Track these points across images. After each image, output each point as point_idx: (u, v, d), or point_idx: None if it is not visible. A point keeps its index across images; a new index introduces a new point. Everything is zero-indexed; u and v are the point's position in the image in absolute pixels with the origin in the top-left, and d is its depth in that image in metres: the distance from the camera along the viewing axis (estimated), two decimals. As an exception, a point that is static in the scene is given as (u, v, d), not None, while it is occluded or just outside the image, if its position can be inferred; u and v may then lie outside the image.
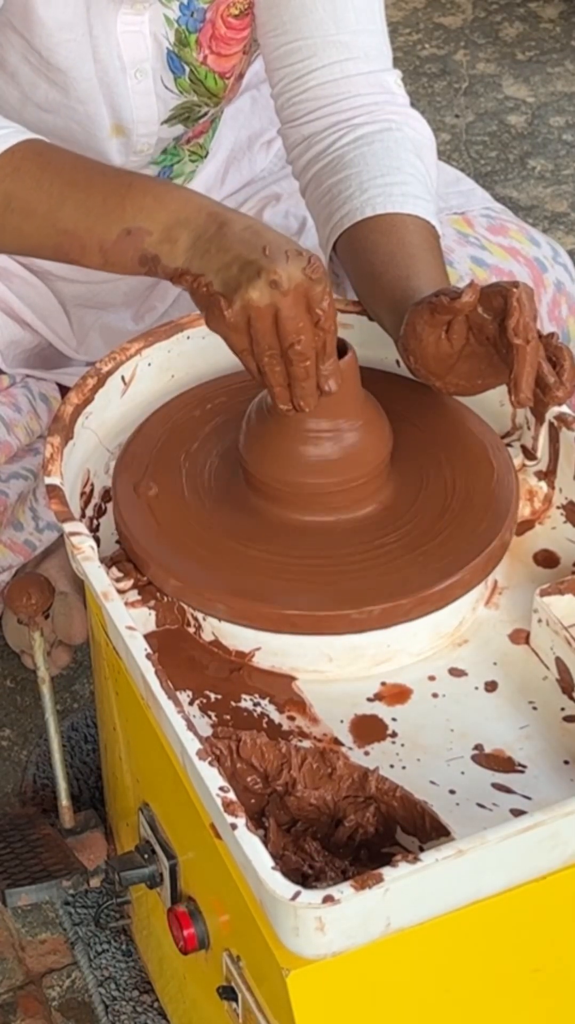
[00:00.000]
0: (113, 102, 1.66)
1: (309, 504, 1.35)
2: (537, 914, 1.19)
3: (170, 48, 1.65)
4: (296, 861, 1.23)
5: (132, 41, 1.63)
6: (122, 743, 1.42)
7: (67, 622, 1.83)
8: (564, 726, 1.28)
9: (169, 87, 1.68)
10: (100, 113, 1.66)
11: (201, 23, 1.65)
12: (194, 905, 1.28)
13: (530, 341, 1.31)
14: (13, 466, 1.82)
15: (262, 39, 1.66)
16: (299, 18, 1.61)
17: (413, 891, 1.10)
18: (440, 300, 1.34)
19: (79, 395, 1.44)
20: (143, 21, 1.63)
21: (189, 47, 1.66)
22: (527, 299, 1.31)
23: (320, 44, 1.61)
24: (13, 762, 1.83)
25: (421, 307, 1.36)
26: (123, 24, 1.62)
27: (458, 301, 1.32)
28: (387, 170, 1.56)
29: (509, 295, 1.31)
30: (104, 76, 1.64)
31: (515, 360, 1.31)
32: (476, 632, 1.35)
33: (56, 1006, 1.61)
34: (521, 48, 3.04)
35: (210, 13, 1.65)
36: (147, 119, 1.69)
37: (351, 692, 1.31)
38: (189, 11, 1.64)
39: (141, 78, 1.66)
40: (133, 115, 1.68)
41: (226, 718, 1.29)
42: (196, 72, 1.67)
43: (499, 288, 1.32)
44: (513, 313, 1.30)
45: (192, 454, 1.42)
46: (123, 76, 1.65)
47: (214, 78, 1.70)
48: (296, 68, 1.63)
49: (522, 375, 1.32)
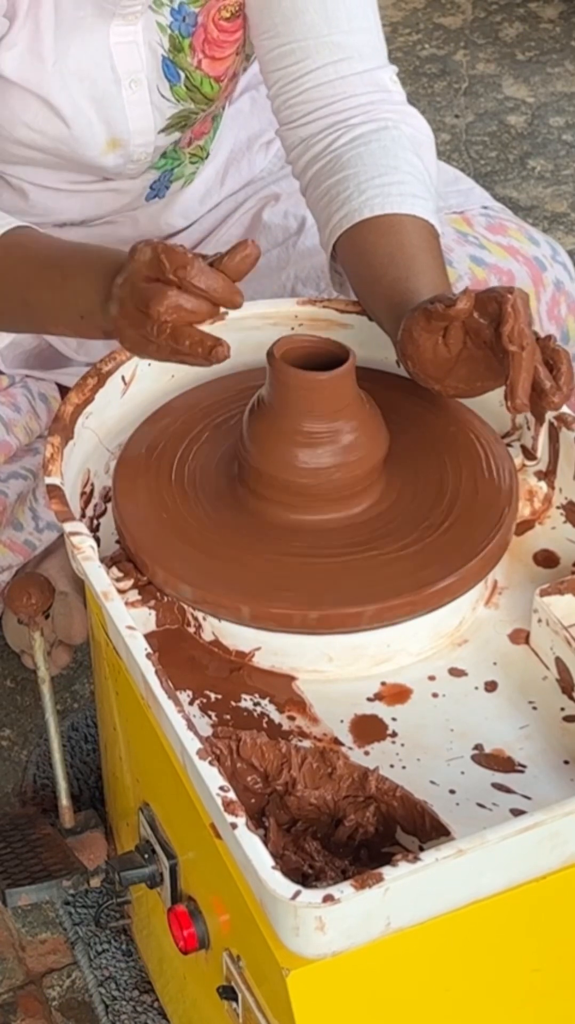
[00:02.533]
0: (108, 116, 1.66)
1: (309, 504, 1.35)
2: (537, 914, 1.19)
3: (165, 55, 1.65)
4: (296, 861, 1.23)
5: (126, 52, 1.63)
6: (122, 743, 1.42)
7: (67, 622, 1.83)
8: (564, 726, 1.28)
9: (165, 96, 1.68)
10: (93, 131, 1.66)
11: (193, 27, 1.65)
12: (194, 905, 1.28)
13: (525, 347, 1.30)
14: (12, 466, 1.82)
15: (255, 41, 1.66)
16: (291, 20, 1.61)
17: (413, 891, 1.10)
18: (435, 307, 1.33)
19: (79, 395, 1.44)
20: (136, 31, 1.63)
21: (183, 52, 1.66)
22: (522, 304, 1.31)
23: (313, 46, 1.61)
24: (13, 762, 1.83)
25: (417, 313, 1.36)
26: (116, 36, 1.62)
27: (453, 308, 1.32)
28: (385, 170, 1.56)
29: (503, 301, 1.31)
30: (94, 92, 1.64)
31: (510, 367, 1.31)
32: (476, 632, 1.35)
33: (56, 1006, 1.61)
34: (521, 48, 3.04)
35: (201, 17, 1.65)
36: (143, 129, 1.69)
37: (351, 692, 1.31)
38: (180, 16, 1.64)
39: (136, 88, 1.66)
40: (129, 126, 1.68)
41: (226, 718, 1.29)
42: (191, 78, 1.67)
43: (494, 293, 1.32)
44: (507, 319, 1.30)
45: (192, 454, 1.42)
46: (117, 88, 1.65)
47: (209, 83, 1.70)
48: (291, 71, 1.63)
49: (517, 381, 1.31)
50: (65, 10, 1.58)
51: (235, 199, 1.91)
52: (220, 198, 1.90)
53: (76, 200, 1.78)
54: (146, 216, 1.84)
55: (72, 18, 1.59)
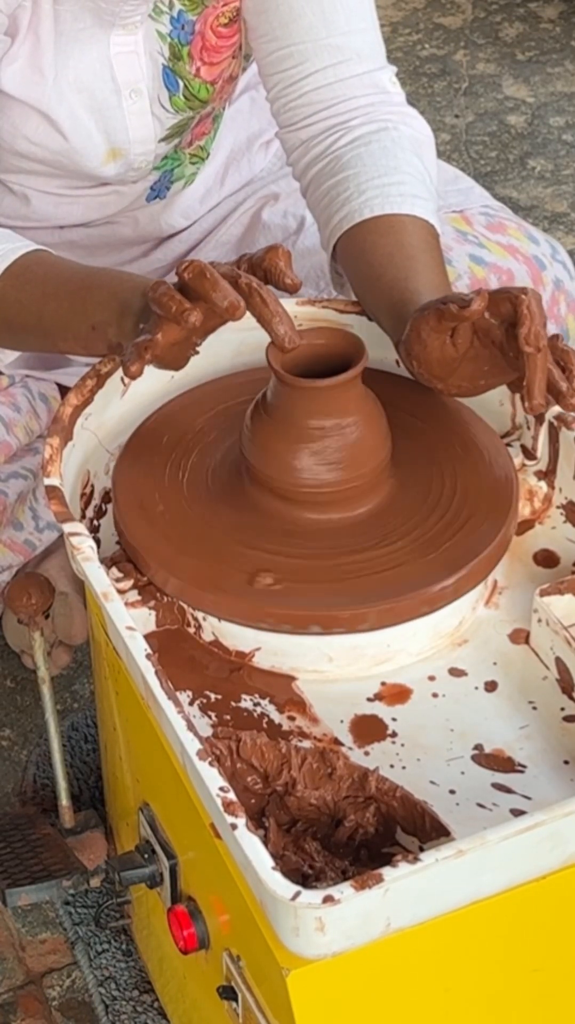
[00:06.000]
0: (108, 127, 1.66)
1: (309, 503, 1.35)
2: (537, 914, 1.19)
3: (165, 63, 1.65)
4: (296, 861, 1.23)
5: (126, 61, 1.63)
6: (122, 743, 1.42)
7: (67, 622, 1.83)
8: (564, 726, 1.28)
9: (165, 106, 1.68)
10: (93, 143, 1.66)
11: (191, 35, 1.65)
12: (194, 905, 1.28)
13: (541, 349, 1.31)
14: (12, 466, 1.82)
15: (253, 44, 1.66)
16: (289, 24, 1.61)
17: (413, 891, 1.10)
18: (449, 308, 1.32)
19: (78, 396, 1.44)
20: (137, 40, 1.63)
21: (183, 60, 1.66)
22: (537, 306, 1.30)
23: (312, 49, 1.61)
24: (13, 762, 1.83)
25: (427, 313, 1.35)
26: (116, 46, 1.62)
27: (467, 310, 1.31)
28: (385, 170, 1.56)
29: (519, 303, 1.30)
30: (93, 103, 1.64)
31: (527, 368, 1.31)
32: (476, 632, 1.35)
33: (56, 1006, 1.62)
34: (521, 48, 3.04)
35: (199, 25, 1.65)
36: (144, 139, 1.69)
37: (351, 692, 1.31)
38: (179, 24, 1.64)
39: (136, 98, 1.66)
40: (129, 136, 1.68)
41: (226, 718, 1.29)
42: (190, 86, 1.68)
43: (507, 294, 1.32)
44: (524, 321, 1.30)
45: (192, 454, 1.42)
46: (117, 98, 1.65)
47: (206, 88, 1.70)
48: (290, 74, 1.63)
49: (534, 382, 1.31)
50: (65, 23, 1.58)
51: (235, 199, 1.91)
52: (220, 198, 1.90)
53: (78, 205, 1.78)
54: (146, 216, 1.84)
55: (72, 30, 1.59)
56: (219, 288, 1.29)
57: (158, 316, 1.32)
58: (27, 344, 1.54)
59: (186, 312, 1.30)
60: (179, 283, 1.32)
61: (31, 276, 1.47)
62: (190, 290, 1.31)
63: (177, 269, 1.32)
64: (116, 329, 1.40)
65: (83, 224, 1.82)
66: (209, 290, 1.30)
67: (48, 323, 1.45)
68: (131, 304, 1.39)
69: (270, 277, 1.35)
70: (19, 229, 1.62)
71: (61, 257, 1.52)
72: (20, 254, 1.49)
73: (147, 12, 1.61)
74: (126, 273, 1.47)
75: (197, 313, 1.30)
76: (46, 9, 1.57)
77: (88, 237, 1.83)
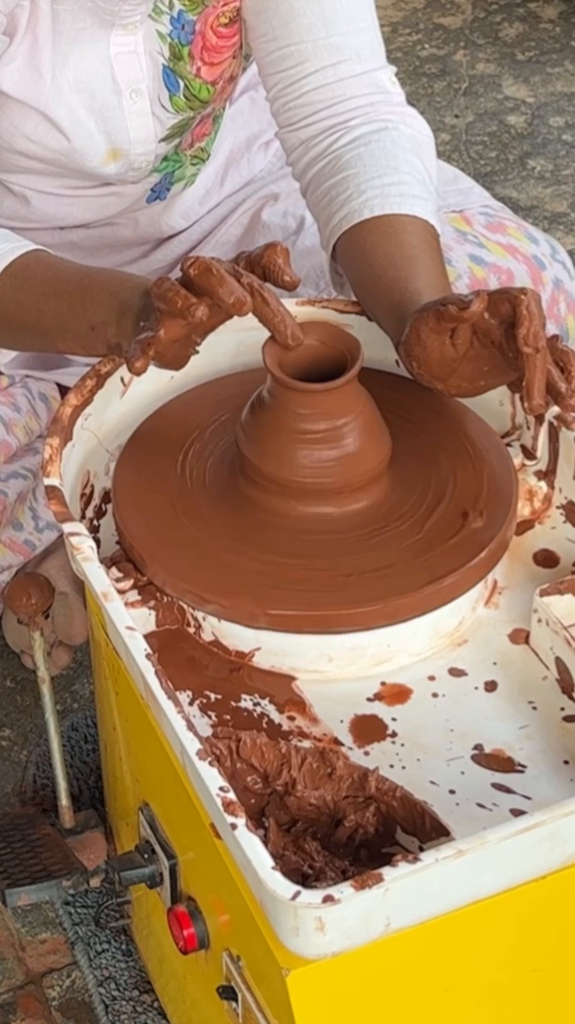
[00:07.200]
0: (108, 127, 1.66)
1: (308, 504, 1.35)
2: (537, 914, 1.19)
3: (166, 64, 1.65)
4: (296, 861, 1.23)
5: (126, 62, 1.63)
6: (122, 743, 1.42)
7: (67, 622, 1.83)
8: (564, 726, 1.28)
9: (166, 106, 1.68)
10: (93, 142, 1.66)
11: (191, 35, 1.65)
12: (194, 905, 1.28)
13: (540, 349, 1.31)
14: (12, 465, 1.82)
15: (253, 43, 1.66)
16: (288, 23, 1.61)
17: (413, 891, 1.10)
18: (448, 309, 1.33)
19: (78, 396, 1.44)
20: (137, 40, 1.62)
21: (183, 60, 1.66)
22: (536, 306, 1.30)
23: (311, 49, 1.61)
24: (13, 762, 1.83)
25: (427, 314, 1.35)
26: (116, 46, 1.62)
27: (467, 311, 1.31)
28: (384, 170, 1.56)
29: (518, 303, 1.30)
30: (94, 103, 1.64)
31: (526, 368, 1.31)
32: (476, 632, 1.35)
33: (56, 1006, 1.62)
34: (521, 48, 3.04)
35: (199, 25, 1.65)
36: (144, 139, 1.69)
37: (351, 692, 1.31)
38: (180, 24, 1.64)
39: (137, 98, 1.66)
40: (129, 136, 1.68)
41: (226, 718, 1.29)
42: (190, 86, 1.68)
43: (507, 295, 1.32)
44: (523, 322, 1.30)
45: (191, 454, 1.42)
46: (118, 98, 1.65)
47: (207, 89, 1.70)
48: (289, 74, 1.63)
49: (534, 383, 1.31)
50: (64, 23, 1.58)
51: (234, 199, 1.91)
52: (220, 198, 1.90)
53: (78, 205, 1.78)
54: (146, 217, 1.84)
55: (71, 30, 1.59)
56: (226, 284, 1.29)
57: (160, 312, 1.32)
58: (26, 344, 1.54)
59: (192, 307, 1.30)
60: (183, 279, 1.32)
61: (30, 276, 1.47)
62: (195, 286, 1.31)
63: (182, 265, 1.32)
64: (115, 329, 1.40)
65: (83, 225, 1.82)
66: (216, 286, 1.30)
67: (47, 323, 1.45)
68: (130, 304, 1.39)
69: (269, 274, 1.35)
70: (19, 230, 1.62)
71: (60, 257, 1.52)
72: (19, 254, 1.49)
73: (147, 12, 1.61)
74: (125, 273, 1.47)
75: (204, 307, 1.30)
76: (44, 9, 1.57)
77: (88, 238, 1.83)
